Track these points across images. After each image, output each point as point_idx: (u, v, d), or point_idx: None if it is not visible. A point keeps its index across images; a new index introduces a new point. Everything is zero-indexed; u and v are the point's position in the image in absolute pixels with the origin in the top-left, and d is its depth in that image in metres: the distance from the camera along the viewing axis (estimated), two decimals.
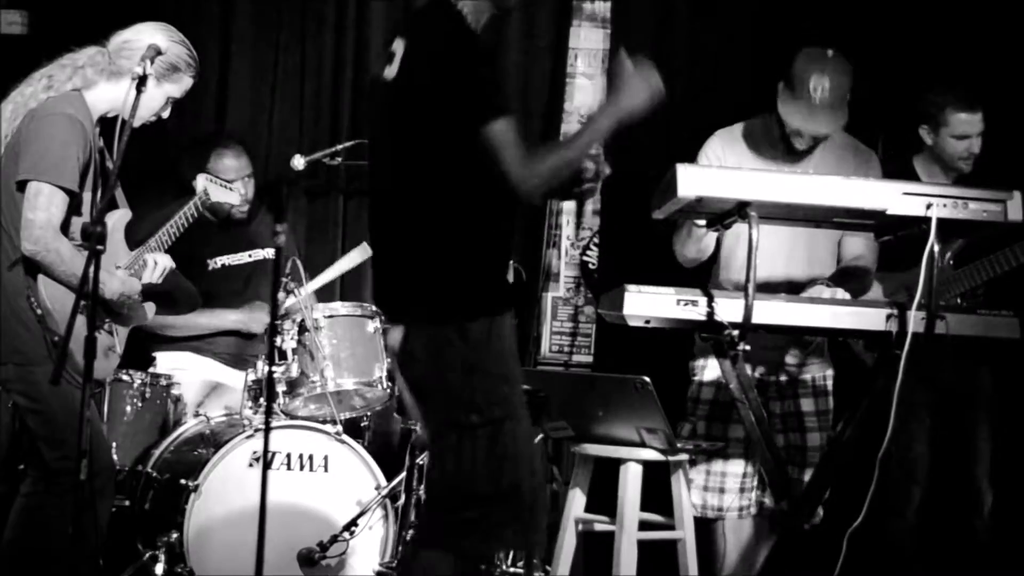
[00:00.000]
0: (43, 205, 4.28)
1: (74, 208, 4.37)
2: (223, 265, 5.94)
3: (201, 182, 5.25)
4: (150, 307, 4.77)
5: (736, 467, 5.00)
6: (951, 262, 5.29)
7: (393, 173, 3.72)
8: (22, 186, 4.32)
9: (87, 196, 4.42)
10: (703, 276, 5.00)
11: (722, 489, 5.01)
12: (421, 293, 3.67)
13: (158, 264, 4.72)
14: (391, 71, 3.73)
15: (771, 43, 5.08)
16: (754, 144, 4.91)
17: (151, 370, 5.56)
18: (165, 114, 4.60)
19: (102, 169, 4.53)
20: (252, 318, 5.81)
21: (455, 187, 3.62)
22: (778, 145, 4.89)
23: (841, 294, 4.63)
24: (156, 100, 4.52)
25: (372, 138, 3.98)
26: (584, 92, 6.42)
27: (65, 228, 4.34)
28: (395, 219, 3.73)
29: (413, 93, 3.64)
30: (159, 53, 4.42)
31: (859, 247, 4.92)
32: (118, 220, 4.66)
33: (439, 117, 3.58)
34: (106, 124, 4.54)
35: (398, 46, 3.74)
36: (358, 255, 5.76)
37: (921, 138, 5.48)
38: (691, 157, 4.94)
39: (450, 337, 3.61)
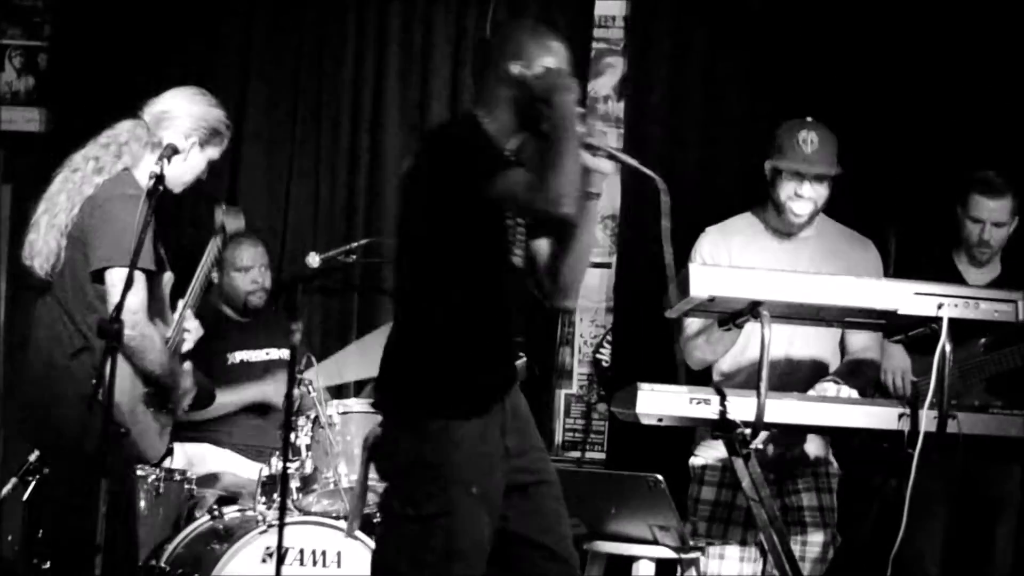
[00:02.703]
0: (134, 289, 4.13)
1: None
2: (241, 361, 6.00)
3: (219, 215, 5.02)
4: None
5: (731, 569, 4.93)
6: (982, 348, 5.22)
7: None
8: (99, 276, 4.28)
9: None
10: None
11: None
12: (389, 386, 3.77)
13: (192, 333, 4.74)
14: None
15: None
16: (744, 237, 4.90)
17: (165, 464, 5.57)
18: (204, 176, 4.62)
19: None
20: (275, 390, 5.81)
21: (425, 285, 3.72)
22: (768, 234, 4.89)
23: (846, 391, 4.59)
24: (199, 166, 4.57)
25: None
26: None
27: None
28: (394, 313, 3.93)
29: (405, 182, 3.83)
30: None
31: (866, 338, 4.88)
32: (165, 283, 4.62)
33: (418, 205, 3.71)
34: None
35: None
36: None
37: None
38: None
39: (405, 430, 3.68)
